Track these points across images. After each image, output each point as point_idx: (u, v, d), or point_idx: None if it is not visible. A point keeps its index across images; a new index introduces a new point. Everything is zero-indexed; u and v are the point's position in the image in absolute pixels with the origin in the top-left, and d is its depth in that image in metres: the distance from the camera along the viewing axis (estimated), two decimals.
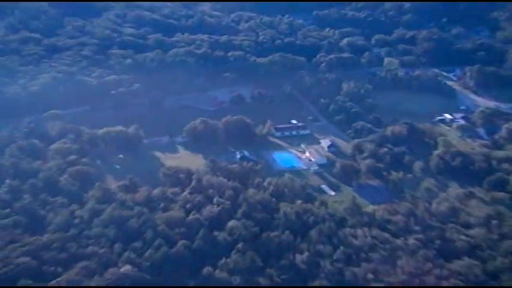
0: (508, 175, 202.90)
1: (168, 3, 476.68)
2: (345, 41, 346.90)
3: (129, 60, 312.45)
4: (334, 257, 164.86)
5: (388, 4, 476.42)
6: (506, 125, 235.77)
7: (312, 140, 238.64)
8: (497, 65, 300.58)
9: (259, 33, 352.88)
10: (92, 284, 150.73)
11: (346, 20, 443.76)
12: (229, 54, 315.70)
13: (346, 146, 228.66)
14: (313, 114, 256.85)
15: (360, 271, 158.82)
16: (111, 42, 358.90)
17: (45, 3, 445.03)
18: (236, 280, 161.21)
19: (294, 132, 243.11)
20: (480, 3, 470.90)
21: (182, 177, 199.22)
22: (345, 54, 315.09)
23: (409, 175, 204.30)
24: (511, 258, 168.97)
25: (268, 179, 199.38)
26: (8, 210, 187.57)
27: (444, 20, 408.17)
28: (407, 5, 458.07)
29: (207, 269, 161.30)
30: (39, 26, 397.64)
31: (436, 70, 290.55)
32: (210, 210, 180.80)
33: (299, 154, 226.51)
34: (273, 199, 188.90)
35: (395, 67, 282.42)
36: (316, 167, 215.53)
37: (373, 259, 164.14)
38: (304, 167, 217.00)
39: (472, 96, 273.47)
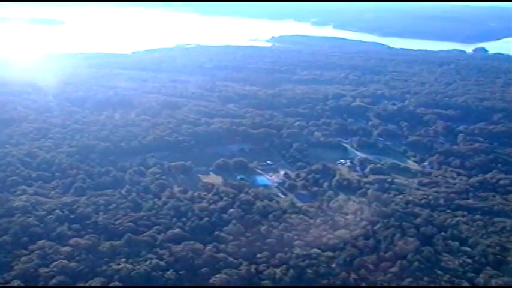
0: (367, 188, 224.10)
1: None
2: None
3: None
4: (279, 228, 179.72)
5: None
6: (370, 165, 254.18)
7: (276, 171, 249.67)
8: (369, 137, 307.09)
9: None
10: None
11: None
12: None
13: (292, 174, 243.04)
14: (278, 158, 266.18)
15: (290, 235, 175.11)
16: None
17: None
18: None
19: (268, 167, 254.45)
20: None
21: (209, 187, 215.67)
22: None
23: (321, 189, 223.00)
24: None
25: (251, 189, 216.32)
26: None
27: None
28: None
29: (217, 233, 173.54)
30: None
31: (339, 138, 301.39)
32: (221, 204, 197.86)
33: (269, 178, 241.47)
34: (253, 199, 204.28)
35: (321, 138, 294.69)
36: (276, 184, 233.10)
37: (297, 229, 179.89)
38: (271, 184, 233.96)
39: (355, 151, 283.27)
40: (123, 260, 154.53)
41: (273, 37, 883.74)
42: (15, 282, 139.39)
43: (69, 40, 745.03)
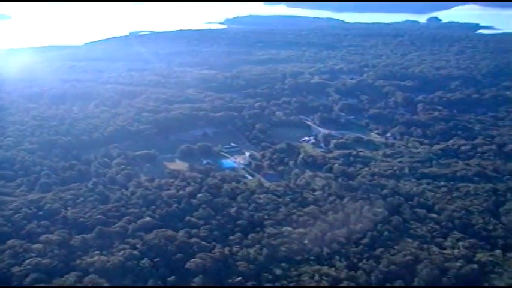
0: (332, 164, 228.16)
1: None
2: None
3: None
4: (249, 208, 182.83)
5: None
6: (334, 141, 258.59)
7: (241, 153, 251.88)
8: (330, 113, 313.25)
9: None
10: None
11: None
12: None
13: (258, 155, 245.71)
14: (243, 140, 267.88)
15: (261, 215, 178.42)
16: None
17: None
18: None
19: (233, 149, 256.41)
20: None
21: (176, 174, 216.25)
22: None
23: (287, 167, 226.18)
24: None
25: (218, 173, 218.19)
26: None
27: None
28: None
29: (187, 218, 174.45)
30: None
31: (302, 116, 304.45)
32: (189, 189, 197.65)
33: (235, 160, 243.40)
34: (220, 182, 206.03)
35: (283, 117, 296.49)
36: (243, 166, 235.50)
37: (266, 208, 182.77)
38: (237, 166, 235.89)
39: (318, 128, 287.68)
40: (97, 252, 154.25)
41: (227, 19, 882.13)
42: None
43: (17, 34, 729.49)
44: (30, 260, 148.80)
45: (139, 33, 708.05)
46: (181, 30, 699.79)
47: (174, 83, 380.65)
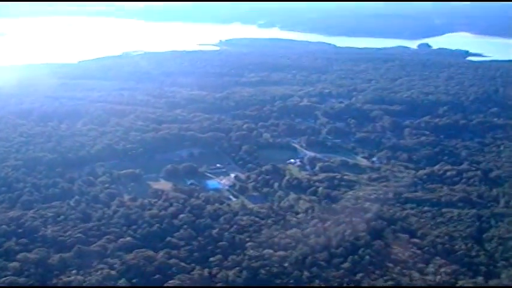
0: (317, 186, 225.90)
1: None
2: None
3: None
4: (231, 230, 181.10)
5: None
6: (319, 164, 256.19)
7: (227, 174, 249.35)
8: (318, 136, 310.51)
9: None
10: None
11: None
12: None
13: (243, 176, 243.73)
14: (228, 161, 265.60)
15: (242, 237, 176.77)
16: None
17: None
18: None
19: (218, 170, 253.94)
20: None
21: (159, 194, 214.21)
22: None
23: (272, 190, 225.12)
24: None
25: (202, 194, 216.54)
26: None
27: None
28: None
29: (168, 239, 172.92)
30: None
31: (289, 138, 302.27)
32: (171, 209, 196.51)
33: (220, 181, 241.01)
34: (204, 203, 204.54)
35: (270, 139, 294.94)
36: (227, 187, 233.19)
37: (248, 230, 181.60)
38: (222, 187, 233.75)
39: (305, 150, 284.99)
40: (74, 272, 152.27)
41: (221, 41, 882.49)
42: None
43: (11, 51, 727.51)
44: (5, 278, 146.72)
45: (133, 53, 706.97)
46: (174, 50, 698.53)
47: (164, 102, 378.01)
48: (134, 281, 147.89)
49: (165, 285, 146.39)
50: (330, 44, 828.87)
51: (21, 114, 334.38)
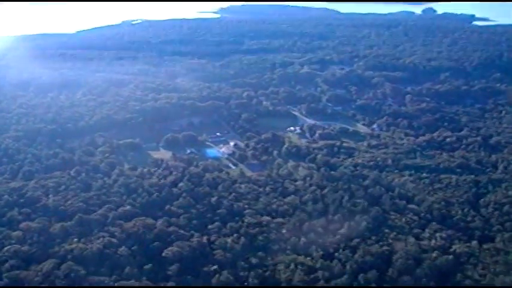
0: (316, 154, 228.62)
1: None
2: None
3: None
4: (229, 198, 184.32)
5: None
6: (319, 131, 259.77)
7: (226, 142, 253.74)
8: (318, 103, 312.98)
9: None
10: None
11: None
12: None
13: (242, 144, 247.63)
14: (227, 130, 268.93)
15: (241, 204, 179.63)
16: None
17: None
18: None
19: (217, 139, 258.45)
20: None
21: (159, 163, 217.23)
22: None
23: (271, 157, 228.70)
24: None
25: (201, 162, 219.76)
26: None
27: None
28: None
29: (167, 207, 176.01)
30: None
31: (289, 106, 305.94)
32: (171, 178, 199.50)
33: (219, 149, 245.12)
34: (203, 172, 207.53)
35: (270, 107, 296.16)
36: (226, 156, 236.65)
37: (247, 198, 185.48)
38: (221, 156, 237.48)
39: (305, 118, 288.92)
40: (75, 240, 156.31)
41: (221, 8, 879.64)
42: None
43: (9, 22, 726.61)
44: (9, 247, 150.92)
45: (132, 22, 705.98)
46: (174, 19, 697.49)
47: (164, 72, 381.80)
48: (134, 247, 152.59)
49: (164, 252, 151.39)
50: (332, 10, 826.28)
51: (20, 85, 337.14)
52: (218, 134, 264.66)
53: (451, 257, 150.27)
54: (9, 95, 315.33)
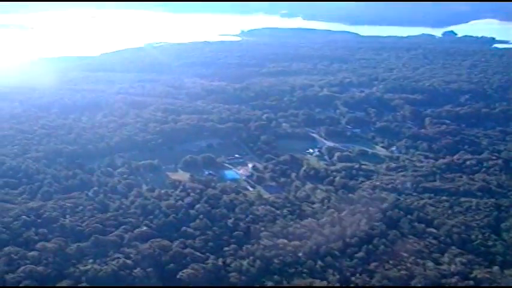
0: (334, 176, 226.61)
1: None
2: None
3: None
4: (246, 220, 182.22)
5: None
6: (338, 153, 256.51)
7: (244, 164, 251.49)
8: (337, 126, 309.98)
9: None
10: None
11: None
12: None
13: (261, 166, 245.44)
14: (246, 151, 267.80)
15: (257, 226, 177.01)
16: None
17: None
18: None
19: (236, 161, 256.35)
20: None
21: (177, 184, 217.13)
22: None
23: (289, 179, 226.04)
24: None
25: (219, 184, 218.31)
26: None
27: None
28: None
29: (184, 228, 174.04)
30: None
31: (308, 128, 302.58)
32: (188, 200, 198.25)
33: (237, 171, 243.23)
34: (220, 193, 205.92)
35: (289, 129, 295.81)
36: (245, 177, 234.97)
37: (264, 220, 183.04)
38: (239, 177, 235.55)
39: (324, 140, 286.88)
40: (91, 261, 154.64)
41: (243, 31, 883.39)
42: None
43: (37, 45, 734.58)
44: (25, 267, 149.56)
45: (154, 45, 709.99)
46: (195, 42, 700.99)
47: (184, 94, 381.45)
48: (149, 269, 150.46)
49: (179, 274, 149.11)
50: (353, 33, 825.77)
51: (43, 106, 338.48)
52: (237, 155, 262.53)
53: (471, 282, 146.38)
54: (33, 116, 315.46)
